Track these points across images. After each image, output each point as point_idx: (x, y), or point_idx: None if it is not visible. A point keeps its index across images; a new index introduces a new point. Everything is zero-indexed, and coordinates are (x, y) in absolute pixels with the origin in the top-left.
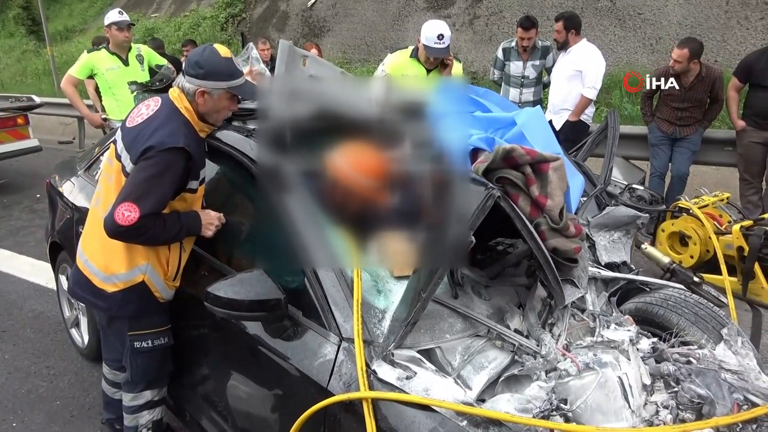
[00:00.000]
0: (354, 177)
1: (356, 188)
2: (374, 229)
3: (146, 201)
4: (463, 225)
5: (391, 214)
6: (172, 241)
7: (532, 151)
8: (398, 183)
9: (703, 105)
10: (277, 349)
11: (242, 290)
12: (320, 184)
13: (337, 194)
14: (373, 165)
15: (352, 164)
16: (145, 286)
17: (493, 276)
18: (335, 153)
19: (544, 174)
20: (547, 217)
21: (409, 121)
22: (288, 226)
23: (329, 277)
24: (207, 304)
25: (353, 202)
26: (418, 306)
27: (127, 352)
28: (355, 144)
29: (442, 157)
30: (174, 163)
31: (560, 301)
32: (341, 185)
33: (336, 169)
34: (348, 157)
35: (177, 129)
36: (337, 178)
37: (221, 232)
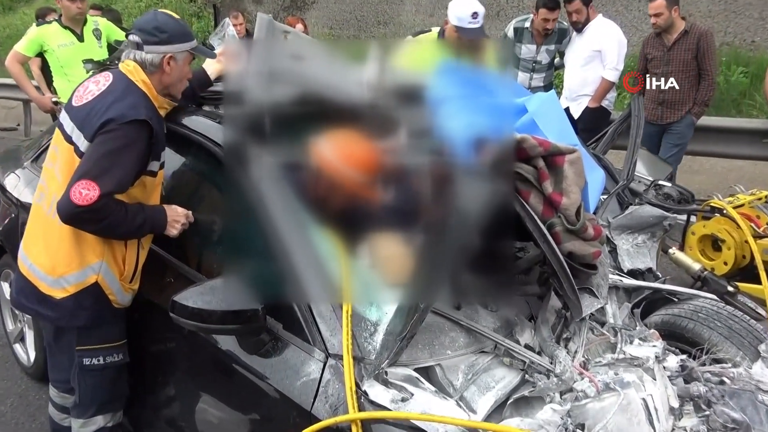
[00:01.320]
0: (342, 169)
1: (344, 182)
2: (365, 231)
3: (106, 179)
4: (467, 226)
5: (384, 214)
6: (132, 236)
7: (545, 141)
8: (392, 178)
9: (689, 73)
10: (254, 367)
11: (213, 299)
12: (303, 178)
13: (322, 189)
14: (363, 156)
15: (339, 155)
16: (99, 289)
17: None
18: (321, 142)
19: (559, 168)
20: (562, 217)
21: (405, 107)
22: (266, 226)
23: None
24: (173, 315)
25: (341, 198)
26: (416, 318)
27: (76, 370)
28: (342, 132)
29: (442, 148)
30: (137, 137)
31: (577, 312)
32: (327, 179)
33: (321, 160)
34: (335, 146)
35: (137, 102)
36: (322, 171)
37: (189, 232)
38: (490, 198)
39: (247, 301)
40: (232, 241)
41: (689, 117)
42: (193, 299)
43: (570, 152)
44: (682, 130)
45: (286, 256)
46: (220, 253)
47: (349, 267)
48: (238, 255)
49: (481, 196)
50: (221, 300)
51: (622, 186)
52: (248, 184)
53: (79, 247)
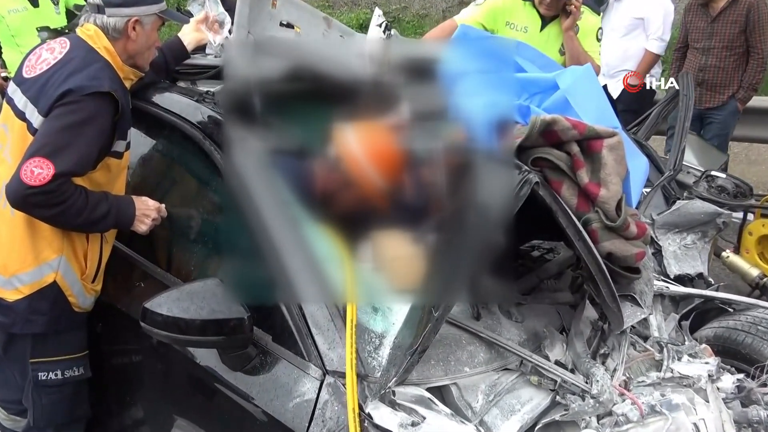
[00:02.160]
0: (365, 168)
1: (364, 182)
2: (370, 228)
3: (63, 157)
4: (490, 222)
5: (392, 209)
6: (94, 228)
7: (580, 123)
8: (402, 167)
9: (735, 50)
10: (238, 386)
11: (192, 306)
12: (302, 167)
13: (331, 184)
14: (392, 158)
15: (367, 151)
16: (58, 290)
17: (528, 291)
18: (345, 130)
19: (597, 154)
20: (599, 211)
21: (414, 83)
22: (254, 221)
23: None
24: (144, 325)
25: (350, 196)
26: (429, 329)
27: (29, 386)
28: (373, 124)
29: (459, 131)
30: (99, 112)
31: (617, 324)
32: (342, 174)
33: (343, 152)
34: (364, 139)
35: (100, 71)
36: (339, 164)
37: (161, 229)
38: (515, 189)
39: (231, 308)
40: (213, 238)
41: (733, 103)
42: (168, 306)
43: (609, 136)
44: (724, 119)
45: (277, 256)
46: (199, 253)
47: (352, 266)
48: (220, 255)
49: (505, 186)
50: (200, 307)
51: (668, 177)
52: (232, 173)
53: (34, 240)
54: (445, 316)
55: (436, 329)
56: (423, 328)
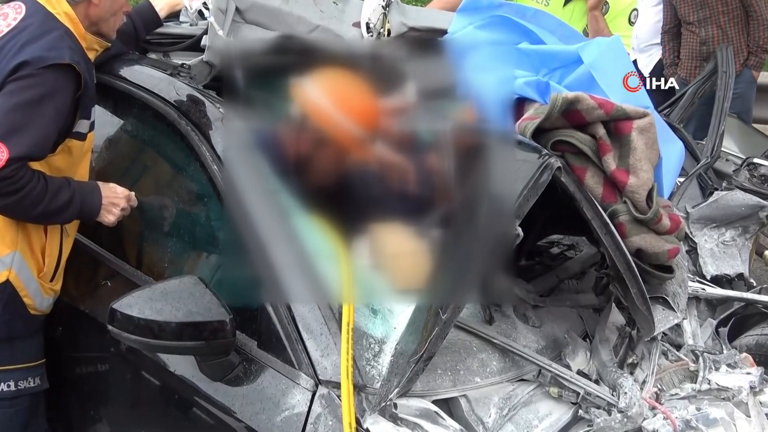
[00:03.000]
0: (335, 118)
1: (338, 136)
2: (366, 218)
3: (18, 138)
4: (505, 212)
5: (393, 198)
6: (54, 219)
7: (606, 102)
8: (403, 150)
9: (733, 15)
10: (218, 398)
11: (166, 307)
12: (283, 141)
13: (308, 148)
14: (364, 102)
15: (332, 99)
16: (11, 290)
17: (546, 292)
18: (306, 83)
19: (625, 137)
20: (628, 202)
21: (418, 56)
22: (235, 210)
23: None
24: (111, 328)
25: (332, 162)
26: (435, 334)
27: None
28: (335, 71)
29: (469, 111)
30: (59, 87)
31: (647, 329)
32: (315, 132)
33: (308, 106)
34: (326, 88)
35: (59, 40)
36: (308, 121)
37: (131, 220)
38: (534, 176)
39: (210, 309)
40: (189, 230)
41: (746, 72)
42: (139, 307)
43: (639, 116)
44: (743, 92)
45: (263, 250)
46: (174, 247)
47: (349, 262)
48: (198, 249)
49: (522, 172)
50: (176, 308)
51: (705, 165)
52: (211, 156)
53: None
54: (453, 320)
55: (443, 334)
56: (429, 332)
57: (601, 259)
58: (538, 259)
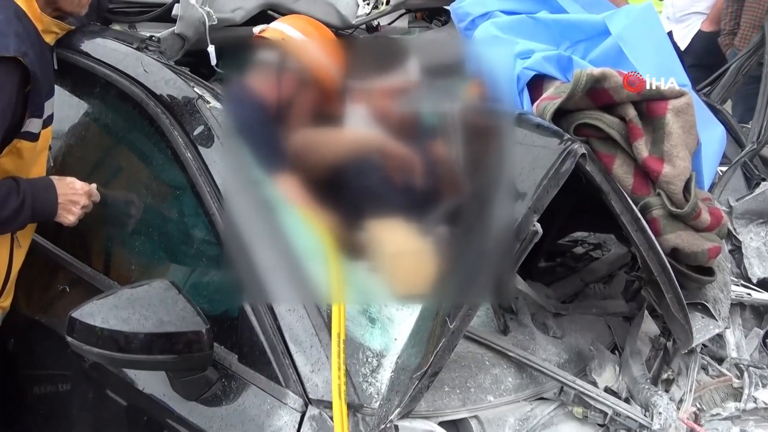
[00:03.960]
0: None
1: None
2: (362, 213)
3: None
4: (521, 205)
5: (391, 189)
6: (3, 228)
7: (637, 79)
8: (404, 135)
9: None
10: (193, 420)
11: (134, 316)
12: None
13: (277, 91)
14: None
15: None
16: None
17: (569, 297)
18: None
19: (659, 120)
20: (663, 194)
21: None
22: (211, 204)
23: None
24: (70, 340)
25: (306, 93)
26: (442, 346)
27: None
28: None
29: (479, 89)
30: (1, 83)
31: (685, 341)
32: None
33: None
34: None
35: (4, 25)
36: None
37: (92, 218)
38: (555, 164)
39: (184, 318)
40: (160, 228)
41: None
42: (102, 315)
43: (676, 96)
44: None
45: (243, 249)
46: (142, 248)
47: (337, 258)
48: (170, 249)
49: (541, 160)
50: (145, 317)
51: (750, 152)
52: (184, 142)
53: None
54: (463, 330)
55: (451, 346)
56: (434, 344)
57: (632, 260)
58: (560, 260)
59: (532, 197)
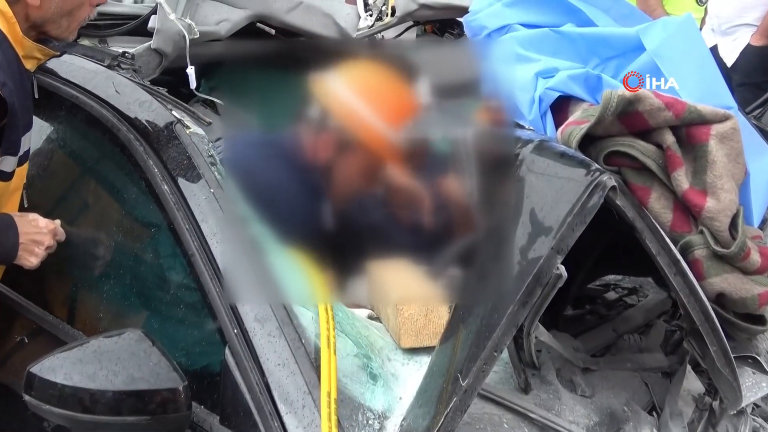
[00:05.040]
0: (363, 114)
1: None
2: (363, 255)
3: None
4: (543, 244)
5: (396, 227)
6: None
7: (676, 101)
8: (413, 166)
9: None
10: None
11: (101, 372)
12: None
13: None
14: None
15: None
16: None
17: (600, 350)
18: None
19: (701, 147)
20: (706, 232)
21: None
22: (190, 242)
23: (274, 344)
24: (28, 399)
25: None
26: (453, 406)
27: None
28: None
29: (495, 113)
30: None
31: (733, 400)
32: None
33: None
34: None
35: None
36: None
37: (56, 258)
38: (581, 198)
39: (158, 374)
40: (131, 270)
41: None
42: (65, 371)
43: (720, 120)
44: None
45: (229, 297)
46: (111, 293)
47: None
48: (143, 296)
49: (566, 193)
50: (113, 372)
51: None
52: (161, 173)
53: None
54: (477, 387)
55: (464, 406)
56: (445, 404)
57: (672, 307)
58: (589, 307)
59: (556, 236)
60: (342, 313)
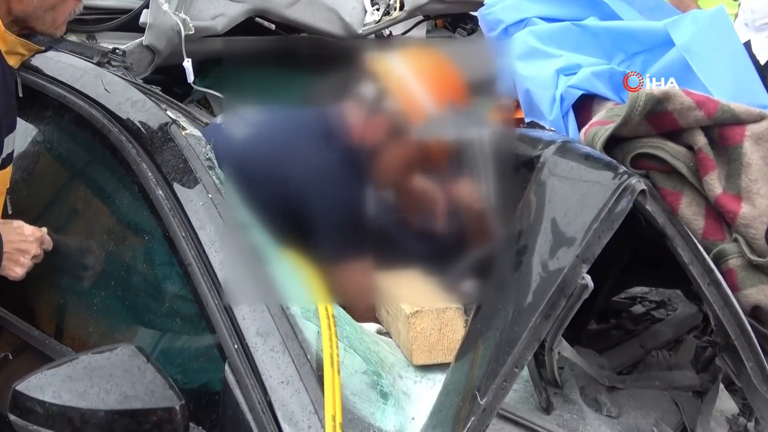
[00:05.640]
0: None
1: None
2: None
3: None
4: (567, 253)
5: (407, 233)
6: None
7: (708, 100)
8: (424, 167)
9: None
10: None
11: (92, 389)
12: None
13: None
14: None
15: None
16: None
17: (627, 367)
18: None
19: (735, 149)
20: (741, 240)
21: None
22: (187, 251)
23: (277, 360)
24: (14, 419)
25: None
26: (470, 426)
27: None
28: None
29: (513, 114)
30: None
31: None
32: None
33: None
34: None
35: None
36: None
37: (43, 269)
38: (609, 203)
39: (153, 392)
40: (124, 282)
41: None
42: (54, 389)
43: (755, 120)
44: None
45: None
46: (102, 306)
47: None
48: (136, 308)
49: (591, 198)
50: (105, 390)
51: None
52: (155, 177)
53: None
54: (496, 406)
55: (482, 427)
56: (462, 425)
57: (704, 321)
58: (615, 321)
59: (581, 244)
60: (350, 327)
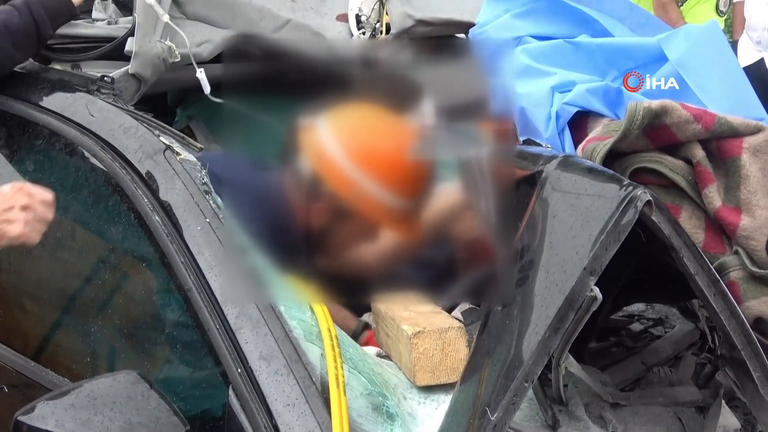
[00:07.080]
0: (359, 181)
1: (353, 198)
2: (372, 288)
3: None
4: (573, 266)
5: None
6: None
7: (704, 113)
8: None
9: None
10: None
11: (96, 417)
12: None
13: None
14: (399, 155)
15: (354, 152)
16: None
17: (629, 384)
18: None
19: (733, 161)
20: (741, 252)
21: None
22: (186, 276)
23: (281, 383)
24: None
25: (339, 226)
26: None
27: None
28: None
29: (510, 131)
30: None
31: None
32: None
33: (313, 159)
34: (346, 134)
35: None
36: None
37: (36, 300)
38: (613, 216)
39: (158, 418)
40: (122, 309)
41: None
42: (57, 418)
43: (752, 132)
44: None
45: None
46: (100, 335)
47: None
48: (135, 335)
49: (594, 212)
50: (109, 418)
51: None
52: (151, 203)
53: None
54: (508, 422)
55: None
56: None
57: (701, 338)
58: (614, 338)
59: (588, 256)
60: (353, 349)
